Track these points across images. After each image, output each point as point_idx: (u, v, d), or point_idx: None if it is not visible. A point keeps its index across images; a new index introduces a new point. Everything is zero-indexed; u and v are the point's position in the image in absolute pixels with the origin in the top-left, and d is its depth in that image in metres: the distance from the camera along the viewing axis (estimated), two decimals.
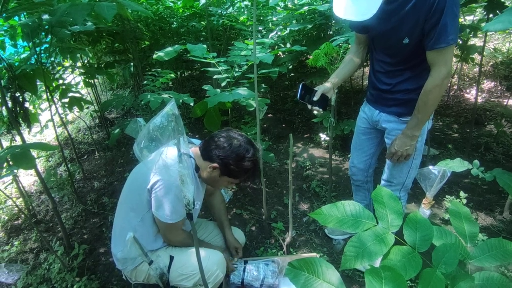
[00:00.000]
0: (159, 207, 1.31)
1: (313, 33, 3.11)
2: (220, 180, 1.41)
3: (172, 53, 2.03)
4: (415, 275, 0.75)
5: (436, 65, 1.28)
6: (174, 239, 1.46)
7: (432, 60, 1.29)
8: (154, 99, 1.94)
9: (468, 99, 4.09)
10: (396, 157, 1.50)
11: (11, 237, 2.35)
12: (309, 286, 0.61)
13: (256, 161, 1.39)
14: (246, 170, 1.36)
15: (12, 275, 1.94)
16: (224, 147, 1.33)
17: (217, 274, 1.39)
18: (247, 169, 1.36)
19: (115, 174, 3.02)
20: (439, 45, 1.23)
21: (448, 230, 0.93)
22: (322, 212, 0.87)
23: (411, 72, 1.40)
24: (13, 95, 1.96)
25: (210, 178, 1.40)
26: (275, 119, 3.95)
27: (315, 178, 2.71)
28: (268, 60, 1.90)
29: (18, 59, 2.57)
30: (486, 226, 2.09)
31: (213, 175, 1.38)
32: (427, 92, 1.32)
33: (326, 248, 2.02)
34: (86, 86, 3.35)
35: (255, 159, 1.38)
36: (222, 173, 1.36)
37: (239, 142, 1.35)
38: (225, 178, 1.39)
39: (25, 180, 3.12)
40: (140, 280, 1.50)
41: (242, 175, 1.39)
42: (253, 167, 1.38)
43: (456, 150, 2.97)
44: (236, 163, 1.33)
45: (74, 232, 2.32)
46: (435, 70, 1.29)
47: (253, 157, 1.36)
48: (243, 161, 1.34)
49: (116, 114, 4.53)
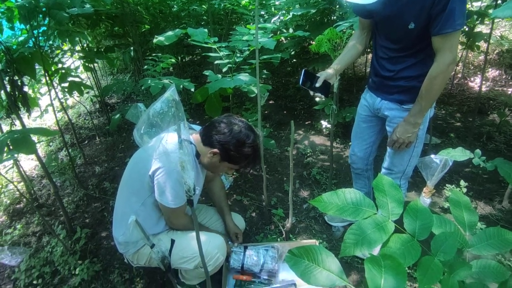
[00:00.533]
0: (162, 193, 1.32)
1: (317, 18, 3.04)
2: (220, 165, 1.41)
3: (172, 37, 1.99)
4: (414, 262, 0.76)
5: (441, 50, 1.26)
6: (178, 223, 1.48)
7: (438, 46, 1.26)
8: (155, 84, 1.92)
9: (472, 87, 4.04)
10: (397, 145, 1.49)
11: (14, 221, 2.37)
12: (309, 273, 0.62)
13: (257, 147, 1.39)
14: (246, 156, 1.36)
15: (15, 258, 1.97)
16: (225, 133, 1.33)
17: (217, 257, 1.41)
18: (247, 155, 1.36)
19: (116, 160, 3.02)
20: (445, 30, 1.20)
21: (447, 219, 0.93)
22: (322, 200, 0.87)
23: (414, 58, 1.38)
24: (11, 79, 1.93)
25: (210, 164, 1.41)
26: (277, 105, 3.92)
27: (315, 165, 2.71)
28: (270, 46, 1.87)
29: (16, 42, 2.52)
30: (485, 215, 2.10)
31: (213, 160, 1.38)
32: (431, 79, 1.30)
33: (325, 235, 2.04)
34: (86, 71, 3.31)
35: (255, 145, 1.38)
36: (222, 158, 1.37)
37: (239, 128, 1.35)
38: (225, 163, 1.39)
39: (26, 164, 3.13)
40: (141, 263, 1.53)
41: (242, 161, 1.39)
42: (253, 153, 1.38)
43: (458, 139, 2.96)
44: (237, 149, 1.33)
45: (76, 216, 2.34)
46: (440, 56, 1.27)
47: (253, 143, 1.36)
48: (243, 147, 1.34)
49: (116, 99, 4.50)
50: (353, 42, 1.61)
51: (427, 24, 1.24)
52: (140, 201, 1.40)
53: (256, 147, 1.39)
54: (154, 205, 1.41)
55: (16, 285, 1.84)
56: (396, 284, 0.56)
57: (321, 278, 0.61)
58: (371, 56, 1.61)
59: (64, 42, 2.88)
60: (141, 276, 1.82)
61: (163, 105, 0.74)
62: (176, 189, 1.30)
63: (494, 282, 0.84)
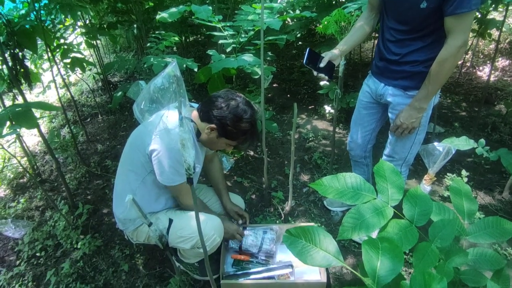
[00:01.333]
0: (162, 172, 1.32)
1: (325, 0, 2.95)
2: (218, 142, 1.39)
3: (176, 14, 1.94)
4: (411, 247, 0.77)
5: (453, 32, 1.22)
6: (188, 203, 1.46)
7: (450, 27, 1.22)
8: (157, 63, 1.89)
9: (480, 77, 3.96)
10: (401, 130, 1.48)
11: (17, 195, 2.41)
12: (306, 253, 0.62)
13: (254, 122, 1.36)
14: (243, 131, 1.34)
15: (18, 230, 2.02)
16: (222, 107, 1.31)
17: (214, 238, 1.42)
18: (245, 131, 1.34)
19: (118, 138, 3.03)
20: (460, 10, 1.15)
21: (447, 207, 0.93)
22: (322, 183, 0.87)
23: (422, 42, 1.35)
24: (12, 52, 1.91)
25: (208, 140, 1.39)
26: (280, 89, 3.88)
27: (317, 150, 2.70)
28: (276, 26, 1.82)
29: (17, 15, 2.48)
30: (484, 205, 2.11)
31: (211, 136, 1.36)
32: (441, 61, 1.27)
33: (324, 219, 2.06)
34: (89, 47, 3.26)
35: (253, 121, 1.35)
36: (219, 134, 1.35)
37: (237, 102, 1.32)
38: (223, 139, 1.38)
39: (29, 140, 3.15)
40: (141, 241, 1.55)
41: (239, 137, 1.37)
42: (251, 128, 1.35)
43: (463, 129, 2.92)
44: (234, 124, 1.31)
45: (78, 193, 2.37)
46: (451, 38, 1.23)
47: (250, 118, 1.33)
48: (240, 122, 1.31)
49: (119, 78, 4.46)
50: (360, 23, 1.57)
51: (440, 3, 1.20)
52: (140, 179, 1.40)
53: (253, 123, 1.36)
54: (154, 183, 1.41)
55: (20, 256, 1.88)
56: (392, 267, 0.57)
57: (317, 258, 0.61)
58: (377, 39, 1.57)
59: (66, 17, 2.82)
60: (141, 252, 1.86)
61: (164, 80, 0.72)
62: (175, 166, 1.29)
63: (489, 270, 0.85)
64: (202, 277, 1.65)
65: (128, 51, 5.35)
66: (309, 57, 1.44)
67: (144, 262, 1.81)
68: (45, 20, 2.17)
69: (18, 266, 1.82)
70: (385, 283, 0.57)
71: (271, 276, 1.53)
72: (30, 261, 1.85)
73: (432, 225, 0.83)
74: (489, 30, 3.09)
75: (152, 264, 1.80)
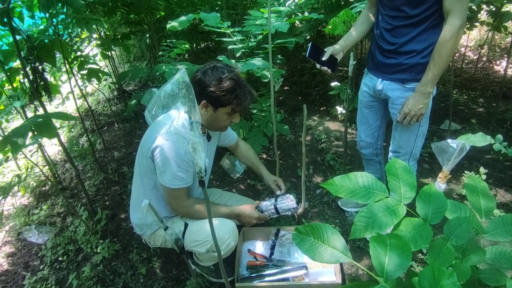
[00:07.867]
0: (161, 173, 1.34)
1: (332, 0, 2.95)
2: (219, 116, 1.38)
3: (185, 22, 1.99)
4: (425, 246, 0.75)
5: (452, 13, 1.25)
6: (180, 209, 1.47)
7: (450, 8, 1.25)
8: (169, 70, 1.94)
9: (498, 71, 3.85)
10: (409, 118, 1.46)
11: (40, 202, 2.51)
12: (314, 250, 0.63)
13: (236, 77, 1.35)
14: (230, 90, 1.32)
15: (42, 236, 2.10)
16: (201, 79, 1.32)
17: (228, 242, 1.44)
18: (231, 89, 1.32)
19: (133, 145, 3.10)
20: None
21: (462, 204, 0.91)
22: (334, 183, 0.87)
23: (418, 27, 1.36)
24: (33, 66, 2.00)
25: (210, 119, 1.40)
26: (291, 91, 3.88)
27: (330, 151, 2.69)
28: (284, 29, 1.84)
29: (37, 31, 2.59)
30: (505, 203, 2.04)
31: (208, 114, 1.37)
32: (444, 42, 1.29)
33: (338, 220, 2.04)
34: (104, 58, 3.37)
35: (233, 76, 1.34)
36: (213, 106, 1.35)
37: (210, 67, 1.34)
38: (221, 111, 1.37)
39: (50, 149, 3.27)
40: (158, 244, 1.59)
41: (231, 99, 1.34)
42: (236, 84, 1.34)
43: (480, 125, 2.84)
44: (218, 88, 1.30)
45: (97, 199, 2.45)
46: (451, 18, 1.26)
47: (230, 74, 1.33)
48: (222, 82, 1.31)
49: (133, 87, 4.58)
50: (361, 20, 1.63)
51: None
52: (151, 183, 1.43)
53: (236, 78, 1.34)
54: None
55: (43, 261, 1.96)
56: (400, 263, 0.57)
57: (325, 254, 0.62)
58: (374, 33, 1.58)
59: (82, 31, 2.93)
60: (158, 255, 1.90)
61: (174, 86, 0.75)
62: (178, 170, 1.32)
63: (509, 269, 0.82)
64: (217, 279, 1.67)
65: (142, 60, 5.49)
66: (312, 51, 1.53)
67: (161, 265, 1.84)
68: (63, 34, 2.26)
69: (42, 270, 1.89)
70: (393, 279, 0.58)
71: (286, 278, 1.53)
72: (53, 265, 1.92)
73: (447, 223, 0.82)
74: (504, 23, 3.00)
75: (169, 267, 1.83)
